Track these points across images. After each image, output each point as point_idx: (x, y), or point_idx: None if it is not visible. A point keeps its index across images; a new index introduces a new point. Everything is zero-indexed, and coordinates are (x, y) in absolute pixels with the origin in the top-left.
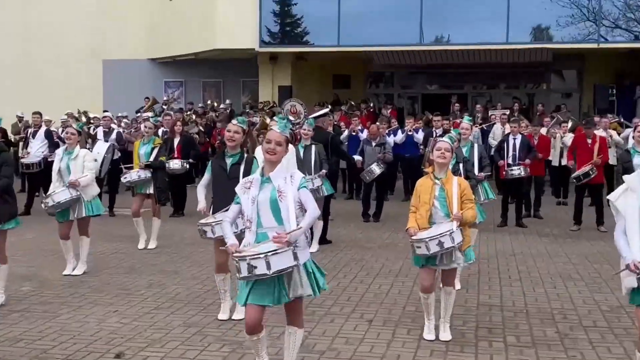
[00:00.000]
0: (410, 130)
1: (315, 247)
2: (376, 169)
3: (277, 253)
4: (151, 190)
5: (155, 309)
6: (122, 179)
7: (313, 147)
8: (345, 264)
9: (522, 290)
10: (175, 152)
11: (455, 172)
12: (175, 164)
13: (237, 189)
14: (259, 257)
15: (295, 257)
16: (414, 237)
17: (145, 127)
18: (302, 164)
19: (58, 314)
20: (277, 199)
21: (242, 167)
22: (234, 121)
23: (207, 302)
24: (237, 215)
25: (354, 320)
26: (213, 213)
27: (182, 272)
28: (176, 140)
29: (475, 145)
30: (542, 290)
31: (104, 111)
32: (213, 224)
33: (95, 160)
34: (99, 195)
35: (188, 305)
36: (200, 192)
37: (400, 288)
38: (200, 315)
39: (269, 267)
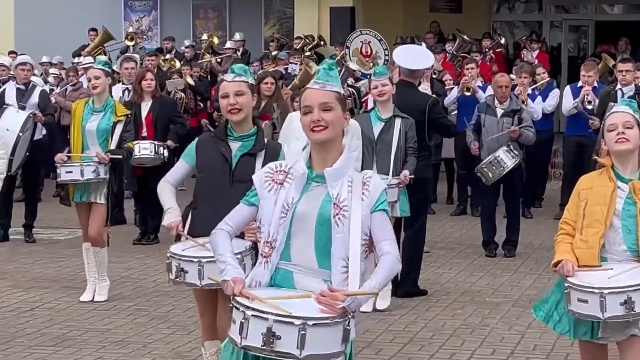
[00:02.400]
0: (587, 100)
1: (386, 299)
2: (507, 159)
3: (322, 324)
4: (100, 199)
5: None
6: (59, 172)
7: (398, 122)
8: (452, 334)
9: None
10: (144, 128)
11: None
12: (143, 150)
13: (257, 177)
14: (291, 323)
15: (345, 339)
16: (572, 280)
17: (94, 79)
18: (375, 152)
19: None
20: (331, 217)
21: (259, 162)
22: (228, 76)
23: None
24: (245, 225)
25: None
26: (191, 236)
27: (156, 345)
28: (145, 107)
29: None
30: None
31: (11, 53)
32: (202, 259)
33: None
34: (8, 205)
35: None
36: (168, 192)
37: None
38: None
39: (302, 345)
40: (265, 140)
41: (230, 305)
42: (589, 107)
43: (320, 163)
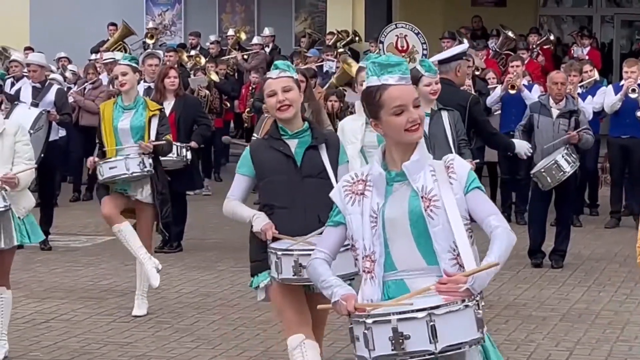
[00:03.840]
0: (632, 88)
1: None
2: (565, 164)
3: (451, 312)
4: (146, 198)
5: None
6: (100, 171)
7: (445, 115)
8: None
9: None
10: None
11: None
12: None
13: (335, 194)
14: (415, 318)
15: (480, 324)
16: None
17: (121, 75)
18: (430, 147)
19: None
20: (422, 212)
21: (323, 154)
22: (272, 73)
23: None
24: (339, 248)
25: None
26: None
27: (179, 359)
28: (168, 106)
29: None
30: None
31: (27, 49)
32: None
33: None
34: None
35: None
36: (240, 205)
37: None
38: None
39: (435, 337)
40: (318, 131)
41: (350, 326)
42: (633, 95)
43: (399, 162)
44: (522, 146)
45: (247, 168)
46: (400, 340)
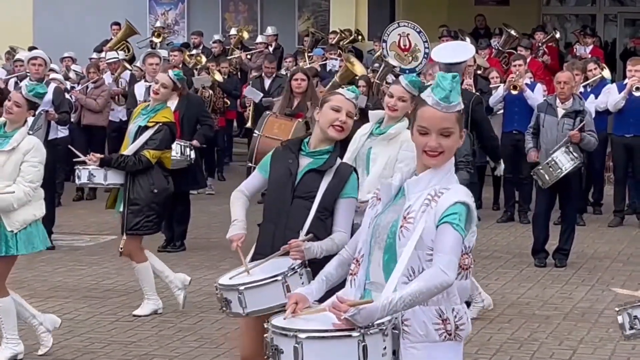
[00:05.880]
0: (636, 86)
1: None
2: (565, 161)
3: (318, 338)
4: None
5: None
6: (77, 175)
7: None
8: (498, 349)
9: None
10: None
11: None
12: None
13: (371, 197)
14: (285, 334)
15: (364, 356)
16: None
17: (161, 86)
18: None
19: None
20: (397, 231)
21: (325, 180)
22: (349, 94)
23: None
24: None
25: None
26: (255, 255)
27: (182, 358)
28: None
29: None
30: None
31: (32, 49)
32: (240, 287)
33: None
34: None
35: None
36: (238, 203)
37: None
38: None
39: (299, 358)
40: (338, 160)
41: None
42: (637, 94)
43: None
44: (501, 168)
45: (264, 170)
46: (273, 352)
